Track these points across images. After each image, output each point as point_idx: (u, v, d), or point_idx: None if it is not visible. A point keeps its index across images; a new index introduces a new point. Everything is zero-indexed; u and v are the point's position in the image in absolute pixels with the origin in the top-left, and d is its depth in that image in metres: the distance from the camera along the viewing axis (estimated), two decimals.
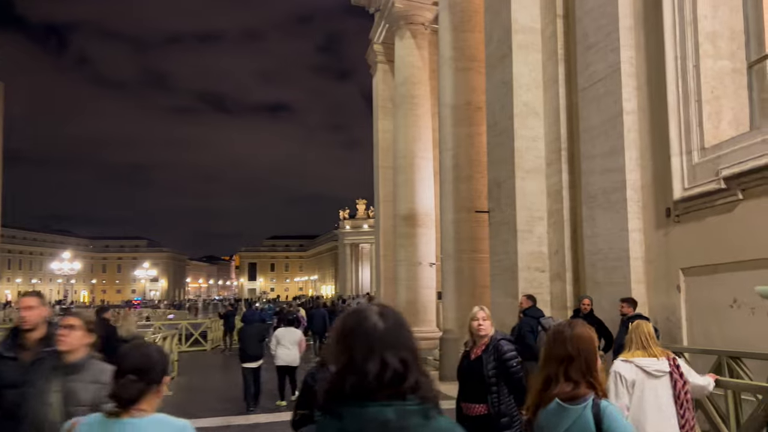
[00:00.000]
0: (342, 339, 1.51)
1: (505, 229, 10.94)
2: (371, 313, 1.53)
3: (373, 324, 1.49)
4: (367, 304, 1.62)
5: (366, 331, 1.48)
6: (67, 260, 63.23)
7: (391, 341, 1.46)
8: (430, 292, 20.13)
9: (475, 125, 14.53)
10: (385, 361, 1.43)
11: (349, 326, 1.52)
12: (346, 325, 1.53)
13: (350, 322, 1.53)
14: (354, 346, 1.47)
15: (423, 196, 20.30)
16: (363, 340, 1.46)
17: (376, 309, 1.55)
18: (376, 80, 25.12)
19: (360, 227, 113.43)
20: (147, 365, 2.36)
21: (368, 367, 1.42)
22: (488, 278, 14.03)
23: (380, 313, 1.53)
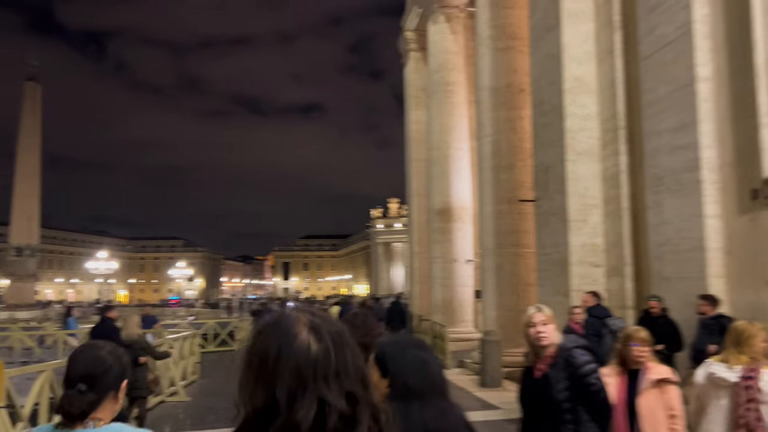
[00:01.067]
0: (256, 368, 1.05)
1: (554, 220, 9.78)
2: (298, 326, 1.07)
3: (304, 344, 1.05)
4: (290, 312, 1.12)
5: (293, 355, 1.03)
6: (103, 260, 63.73)
7: (331, 369, 1.03)
8: (467, 290, 18.99)
9: (517, 108, 13.38)
10: (325, 400, 1.01)
11: (267, 348, 1.06)
12: (262, 346, 1.07)
13: (269, 341, 1.07)
14: (276, 378, 1.02)
15: (459, 189, 19.16)
16: (289, 371, 1.02)
17: (306, 319, 1.09)
18: (408, 69, 24.05)
19: (392, 226, 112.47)
20: (99, 371, 2.05)
21: (299, 412, 1.00)
22: (533, 275, 12.88)
23: (312, 326, 1.07)
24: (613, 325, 6.54)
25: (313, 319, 1.10)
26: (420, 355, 1.90)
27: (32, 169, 63.29)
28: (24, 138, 61.71)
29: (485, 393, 11.00)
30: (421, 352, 1.93)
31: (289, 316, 1.12)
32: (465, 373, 13.62)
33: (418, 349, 1.95)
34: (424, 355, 1.92)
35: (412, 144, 23.48)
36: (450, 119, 19.22)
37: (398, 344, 1.97)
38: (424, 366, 1.87)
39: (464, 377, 13.05)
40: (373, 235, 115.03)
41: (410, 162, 23.71)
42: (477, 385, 11.76)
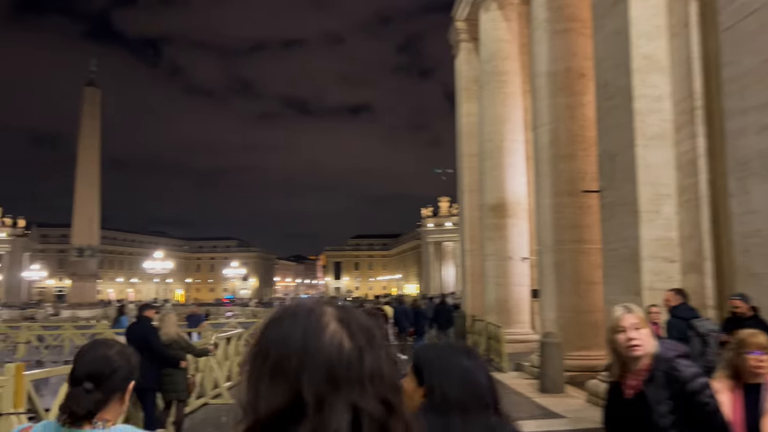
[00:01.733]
0: (275, 361, 0.84)
1: (622, 211, 8.94)
2: (326, 317, 0.88)
3: (336, 339, 0.85)
4: (316, 302, 0.91)
5: (324, 349, 0.84)
6: (160, 260, 65.17)
7: (366, 371, 0.85)
8: (523, 289, 18.12)
9: (577, 95, 12.51)
10: (359, 407, 0.83)
11: (289, 337, 0.85)
12: (282, 335, 0.86)
13: (291, 329, 0.86)
14: (302, 375, 0.82)
15: (513, 183, 18.31)
16: (319, 367, 0.83)
17: (334, 313, 0.89)
18: (459, 61, 23.28)
19: (443, 225, 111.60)
20: (106, 371, 1.98)
21: (331, 418, 0.81)
22: (596, 272, 12.00)
23: (342, 320, 0.89)
24: (701, 327, 5.72)
25: (341, 312, 0.92)
26: (462, 363, 1.66)
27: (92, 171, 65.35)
28: (84, 142, 63.79)
29: (546, 399, 10.22)
30: (464, 359, 1.68)
31: (312, 305, 0.93)
32: (523, 376, 12.84)
33: (462, 355, 1.70)
34: (469, 362, 1.67)
35: (463, 138, 22.70)
36: (503, 110, 18.39)
37: (437, 349, 1.76)
38: (467, 375, 1.63)
39: (522, 381, 12.28)
40: (424, 234, 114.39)
41: (461, 157, 22.93)
42: (536, 390, 10.99)
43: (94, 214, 66.27)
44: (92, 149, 62.86)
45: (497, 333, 14.74)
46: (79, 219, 65.44)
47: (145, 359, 7.10)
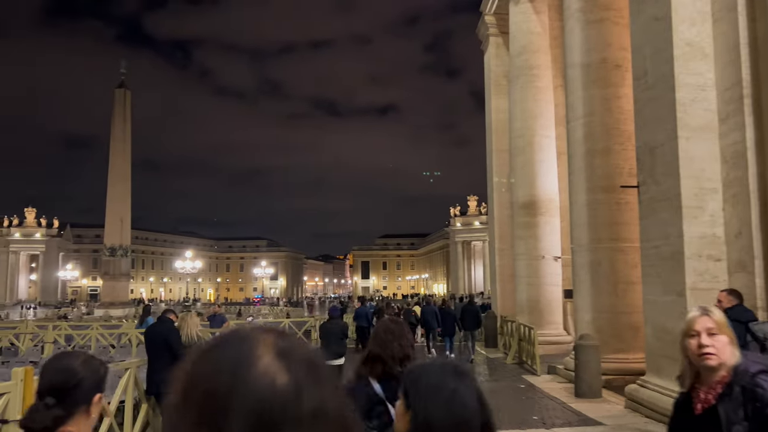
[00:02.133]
0: (198, 405, 0.72)
1: (663, 207, 8.46)
2: (259, 348, 0.75)
3: (268, 375, 0.73)
4: (253, 329, 0.79)
5: (252, 389, 0.71)
6: (189, 259, 65.79)
7: (304, 411, 0.72)
8: (556, 289, 17.60)
9: (613, 86, 12.02)
10: None
11: (214, 378, 0.73)
12: (207, 375, 0.74)
13: (217, 368, 0.74)
14: (225, 422, 0.70)
15: (545, 180, 17.79)
16: (246, 412, 0.70)
17: (271, 342, 0.77)
18: (488, 56, 22.81)
19: (471, 224, 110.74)
20: (69, 383, 1.87)
21: None
22: (634, 272, 11.50)
23: (280, 351, 0.76)
24: (759, 330, 5.25)
25: (280, 342, 0.77)
26: (449, 384, 1.50)
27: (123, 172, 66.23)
28: (115, 143, 64.71)
29: (582, 404, 9.76)
30: (452, 378, 1.51)
31: (247, 333, 0.77)
32: (557, 380, 12.38)
33: (450, 375, 1.53)
34: (457, 383, 1.50)
35: (493, 134, 22.22)
36: (534, 105, 17.89)
37: (424, 368, 1.57)
38: (453, 397, 1.48)
39: (556, 385, 11.83)
40: (452, 234, 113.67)
41: (491, 154, 22.45)
42: (571, 395, 10.53)
43: (125, 214, 67.19)
44: (123, 150, 63.74)
45: (530, 335, 14.29)
46: (110, 219, 66.44)
47: (165, 361, 6.94)
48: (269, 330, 0.79)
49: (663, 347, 8.49)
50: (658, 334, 8.65)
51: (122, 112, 64.50)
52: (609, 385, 10.71)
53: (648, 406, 8.63)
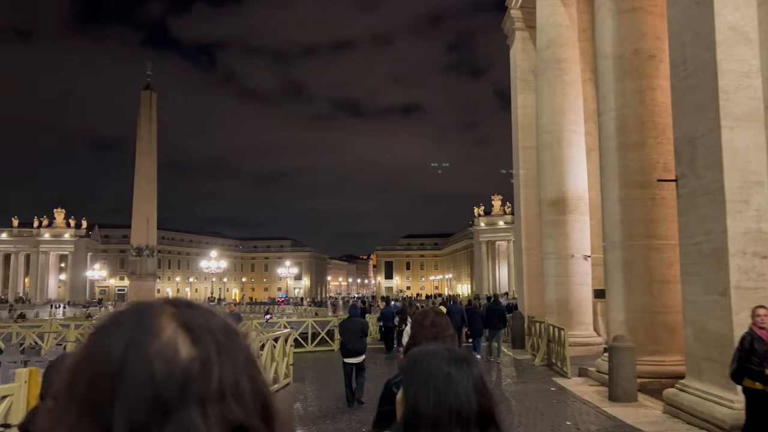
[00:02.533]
0: (84, 387, 0.63)
1: (705, 202, 8.00)
2: (161, 319, 0.67)
3: (168, 348, 0.65)
4: (150, 303, 0.70)
5: (147, 364, 0.63)
6: (214, 259, 66.20)
7: (212, 388, 0.64)
8: (586, 289, 17.09)
9: (646, 78, 11.55)
10: None
11: (104, 353, 0.64)
12: (96, 352, 0.65)
13: (108, 343, 0.65)
14: (113, 403, 0.62)
15: (574, 177, 17.30)
16: (138, 390, 0.62)
17: (174, 312, 0.68)
18: (514, 50, 22.33)
19: (495, 224, 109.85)
20: None
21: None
22: (670, 271, 11.03)
23: (184, 322, 0.68)
24: None
25: (186, 311, 0.68)
26: (443, 369, 1.43)
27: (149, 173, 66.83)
28: (141, 144, 65.36)
29: (617, 409, 9.33)
30: (447, 364, 1.44)
31: (145, 306, 0.69)
32: (588, 383, 11.93)
33: (446, 360, 1.45)
34: (452, 369, 1.43)
35: (519, 130, 21.74)
36: (562, 99, 17.41)
37: (419, 354, 1.51)
38: (446, 383, 1.40)
39: (588, 388, 11.38)
40: (476, 234, 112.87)
41: (518, 150, 21.98)
42: (605, 399, 10.10)
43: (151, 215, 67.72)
44: (149, 151, 64.28)
45: (560, 336, 13.83)
46: (137, 219, 67.05)
47: None
48: (175, 300, 0.69)
49: (704, 349, 8.05)
50: (699, 335, 8.20)
51: (148, 113, 65.08)
52: (644, 388, 10.26)
53: (689, 412, 8.19)
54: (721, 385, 7.61)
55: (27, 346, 14.25)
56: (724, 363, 7.59)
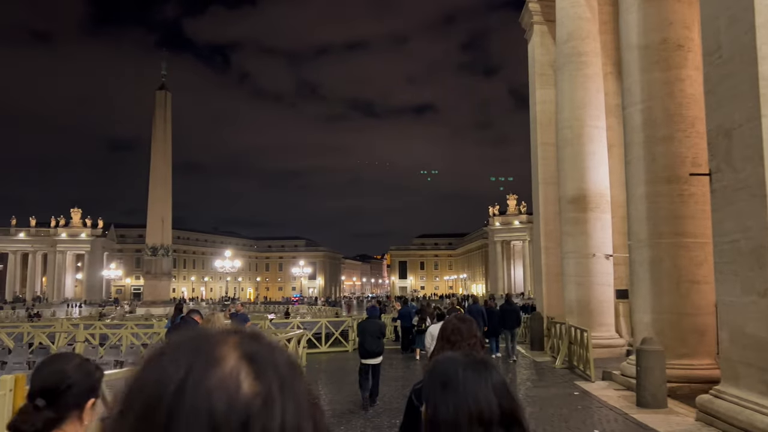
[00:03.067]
0: (137, 417, 0.59)
1: (742, 197, 7.51)
2: (225, 349, 0.64)
3: (230, 380, 0.61)
4: (213, 330, 0.67)
5: (205, 397, 0.59)
6: (228, 258, 66.20)
7: (275, 425, 0.60)
8: (607, 289, 16.56)
9: (674, 68, 11.04)
10: None
11: (159, 383, 0.60)
12: (149, 384, 0.61)
13: (166, 374, 0.61)
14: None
15: (595, 173, 16.77)
16: (194, 424, 0.58)
17: (237, 342, 0.65)
18: (532, 44, 21.82)
19: (511, 224, 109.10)
20: (60, 386, 1.83)
21: None
22: (699, 270, 10.55)
23: (247, 353, 0.64)
24: None
25: (247, 342, 0.65)
26: (457, 376, 1.39)
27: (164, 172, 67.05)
28: (156, 144, 65.58)
29: (647, 416, 8.84)
30: (462, 371, 1.40)
31: (206, 334, 0.66)
32: (613, 387, 11.44)
33: (461, 367, 1.41)
34: (470, 374, 1.39)
35: (538, 127, 21.22)
36: (583, 94, 16.89)
37: (438, 361, 1.48)
38: (464, 390, 1.36)
39: (613, 393, 10.90)
40: (491, 234, 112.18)
41: (536, 147, 21.45)
42: (632, 405, 9.62)
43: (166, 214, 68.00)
44: (164, 151, 64.46)
45: (582, 337, 13.33)
46: (152, 219, 67.36)
47: None
48: (237, 329, 0.67)
49: (742, 353, 7.56)
50: (736, 338, 7.71)
51: (163, 113, 65.24)
52: (673, 393, 9.77)
53: (725, 420, 7.70)
54: (760, 391, 7.13)
55: (36, 347, 14.05)
56: (764, 368, 7.11)
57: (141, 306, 58.20)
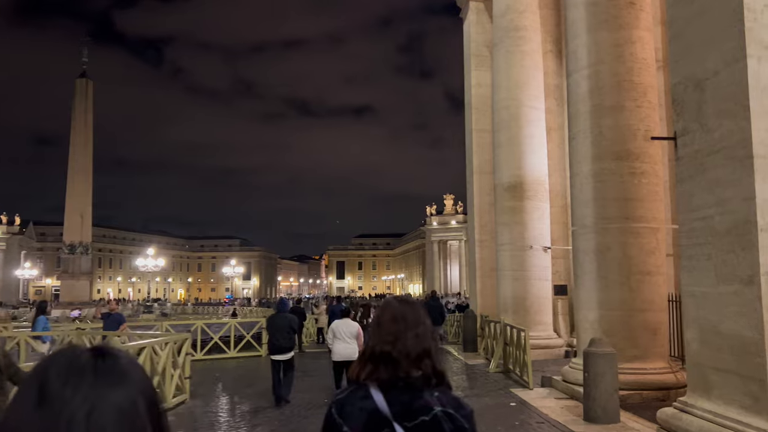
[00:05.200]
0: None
1: (719, 161, 6.00)
2: None
3: None
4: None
5: None
6: (152, 257, 62.48)
7: None
8: (545, 285, 15.19)
9: (625, 28, 9.64)
10: None
11: None
12: None
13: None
14: None
15: (533, 159, 15.36)
16: None
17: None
18: (468, 24, 20.33)
19: (448, 223, 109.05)
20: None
21: None
22: (649, 259, 9.22)
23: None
24: None
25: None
26: None
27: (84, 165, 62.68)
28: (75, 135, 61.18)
29: (595, 430, 7.27)
30: None
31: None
32: (554, 395, 9.89)
33: None
34: None
35: (472, 112, 19.73)
36: (520, 72, 15.46)
37: None
38: None
39: (554, 403, 9.32)
40: (428, 233, 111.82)
41: (471, 133, 19.97)
42: (579, 418, 8.05)
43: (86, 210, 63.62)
44: (84, 143, 60.17)
45: (519, 338, 11.77)
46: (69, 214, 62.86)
47: None
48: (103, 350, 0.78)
49: (716, 357, 6.06)
50: (708, 338, 6.20)
51: (83, 103, 60.90)
52: (623, 403, 8.29)
53: None
54: (742, 405, 5.63)
55: None
56: (748, 377, 5.62)
57: (57, 308, 54.05)
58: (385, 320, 1.97)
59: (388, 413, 1.76)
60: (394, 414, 1.76)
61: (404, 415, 1.69)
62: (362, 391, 1.84)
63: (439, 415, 1.67)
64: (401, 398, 1.75)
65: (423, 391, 1.73)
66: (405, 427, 1.67)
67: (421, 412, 1.68)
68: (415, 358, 1.83)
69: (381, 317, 2.02)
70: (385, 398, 1.80)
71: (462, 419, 1.69)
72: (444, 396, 1.73)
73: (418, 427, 1.67)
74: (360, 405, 1.80)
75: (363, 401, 1.80)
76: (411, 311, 1.99)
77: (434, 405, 1.69)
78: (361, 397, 1.82)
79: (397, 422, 1.74)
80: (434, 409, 1.68)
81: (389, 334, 1.91)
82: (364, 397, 1.81)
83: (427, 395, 1.72)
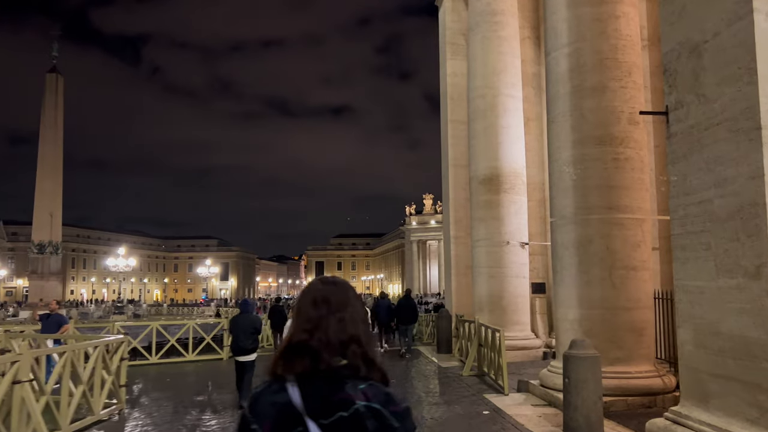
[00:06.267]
0: None
1: (719, 134, 5.20)
2: None
3: None
4: None
5: None
6: (122, 256, 60.90)
7: None
8: (523, 282, 14.40)
9: (609, 3, 8.88)
10: None
11: None
12: None
13: None
14: None
15: (510, 150, 14.56)
16: None
17: None
18: (443, 11, 19.50)
19: (427, 223, 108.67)
20: None
21: None
22: (633, 253, 8.47)
23: None
24: None
25: None
26: None
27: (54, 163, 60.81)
28: (45, 131, 59.32)
29: None
30: None
31: None
32: (531, 402, 9.05)
33: None
34: None
35: (448, 102, 18.89)
36: (498, 58, 14.65)
37: None
38: None
39: (532, 411, 8.49)
40: (407, 233, 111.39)
41: (446, 125, 19.14)
42: (558, 429, 7.23)
43: (56, 208, 61.79)
44: (54, 140, 58.49)
45: (494, 339, 10.92)
46: (39, 213, 60.98)
47: None
48: None
49: (714, 361, 5.26)
50: (706, 340, 5.40)
51: (54, 98, 59.21)
52: (607, 411, 7.49)
53: None
54: (748, 419, 4.83)
55: None
56: (756, 384, 4.82)
57: (26, 309, 52.33)
58: (304, 305, 1.76)
59: (302, 408, 1.58)
60: (308, 409, 1.57)
61: (321, 411, 1.51)
62: (277, 384, 1.67)
63: (361, 411, 1.48)
64: (321, 392, 1.58)
65: (346, 384, 1.55)
66: (321, 424, 1.50)
67: (339, 407, 1.49)
68: (338, 346, 1.65)
69: (300, 302, 1.81)
70: (301, 392, 1.62)
71: (391, 417, 1.48)
72: (371, 389, 1.52)
73: (335, 424, 1.48)
74: (272, 399, 1.64)
75: (275, 395, 1.64)
76: (335, 292, 1.78)
77: (357, 399, 1.49)
78: (275, 391, 1.65)
79: (312, 418, 1.55)
80: (356, 404, 1.48)
81: (307, 321, 1.71)
82: (278, 391, 1.64)
83: (350, 388, 1.53)
